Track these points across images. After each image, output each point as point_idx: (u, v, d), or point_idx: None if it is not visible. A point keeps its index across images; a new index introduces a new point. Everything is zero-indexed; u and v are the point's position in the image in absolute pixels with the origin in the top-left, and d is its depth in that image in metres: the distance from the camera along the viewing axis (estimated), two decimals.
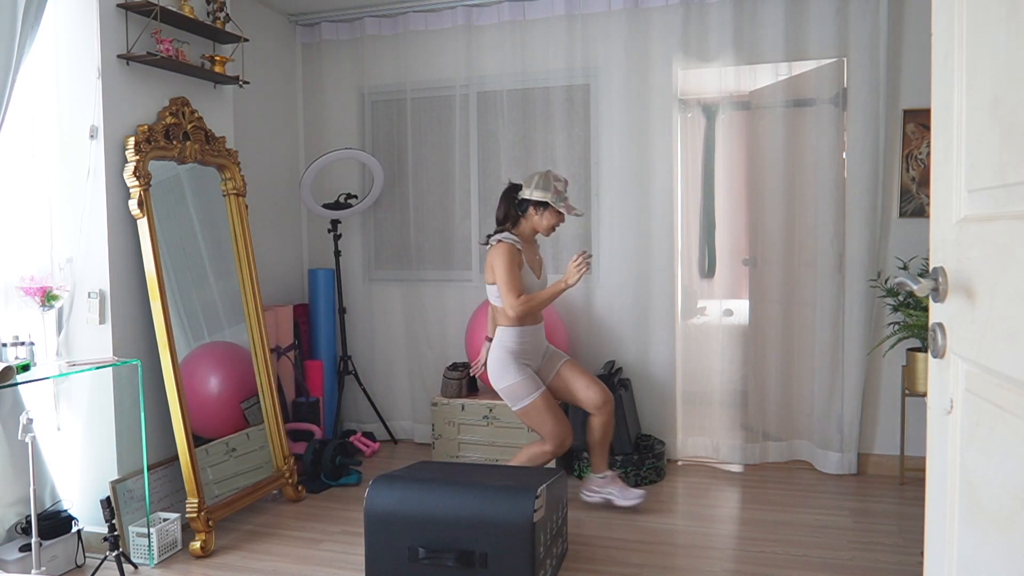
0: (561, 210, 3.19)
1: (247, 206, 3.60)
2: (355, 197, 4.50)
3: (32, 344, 2.73)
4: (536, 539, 2.46)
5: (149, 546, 2.89)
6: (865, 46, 3.68)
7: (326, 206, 4.40)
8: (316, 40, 4.62)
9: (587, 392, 3.25)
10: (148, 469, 3.00)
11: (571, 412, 3.78)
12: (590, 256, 3.04)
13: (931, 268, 1.30)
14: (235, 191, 3.52)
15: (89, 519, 2.96)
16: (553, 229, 3.26)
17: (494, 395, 4.06)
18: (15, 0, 2.54)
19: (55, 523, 2.78)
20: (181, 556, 2.99)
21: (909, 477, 3.68)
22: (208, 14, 3.39)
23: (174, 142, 3.19)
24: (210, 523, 3.01)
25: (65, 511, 2.84)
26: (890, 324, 3.68)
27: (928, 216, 1.31)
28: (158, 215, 3.10)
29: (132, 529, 2.92)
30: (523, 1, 4.19)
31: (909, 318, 3.44)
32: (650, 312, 4.10)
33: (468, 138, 4.40)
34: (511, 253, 3.12)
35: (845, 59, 3.73)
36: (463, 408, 3.97)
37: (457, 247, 4.46)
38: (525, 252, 3.21)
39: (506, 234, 3.21)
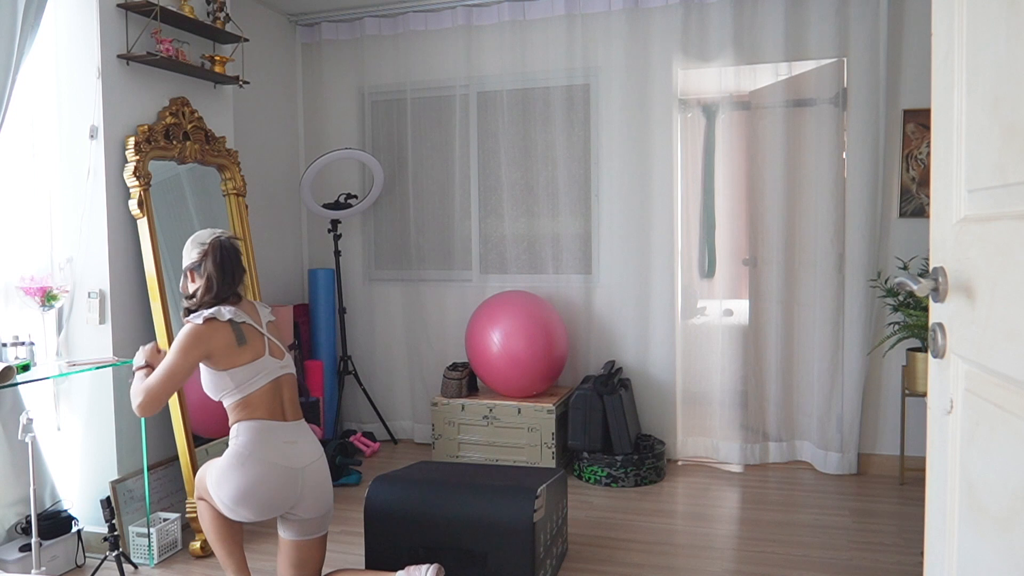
0: None
1: (247, 206, 3.60)
2: (355, 197, 4.50)
3: (32, 344, 2.73)
4: (536, 539, 2.46)
5: (149, 546, 2.89)
6: (865, 46, 3.68)
7: (326, 206, 4.40)
8: (316, 40, 4.62)
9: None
10: (148, 469, 3.00)
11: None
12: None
13: (931, 268, 1.30)
14: (235, 191, 3.52)
15: (89, 519, 2.96)
16: None
17: (494, 395, 4.06)
18: (15, 0, 2.54)
19: (55, 523, 2.78)
20: (181, 556, 2.98)
21: (909, 477, 3.68)
22: (208, 14, 3.39)
23: (174, 142, 3.19)
24: None
25: (65, 511, 2.84)
26: (890, 324, 3.68)
27: (928, 216, 1.31)
28: (158, 215, 3.10)
29: (132, 529, 2.91)
30: (523, 1, 4.19)
31: (909, 318, 3.44)
32: (650, 312, 4.10)
33: (468, 138, 4.40)
34: None
35: (845, 59, 3.73)
36: (463, 408, 3.97)
37: (457, 247, 4.46)
38: None
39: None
